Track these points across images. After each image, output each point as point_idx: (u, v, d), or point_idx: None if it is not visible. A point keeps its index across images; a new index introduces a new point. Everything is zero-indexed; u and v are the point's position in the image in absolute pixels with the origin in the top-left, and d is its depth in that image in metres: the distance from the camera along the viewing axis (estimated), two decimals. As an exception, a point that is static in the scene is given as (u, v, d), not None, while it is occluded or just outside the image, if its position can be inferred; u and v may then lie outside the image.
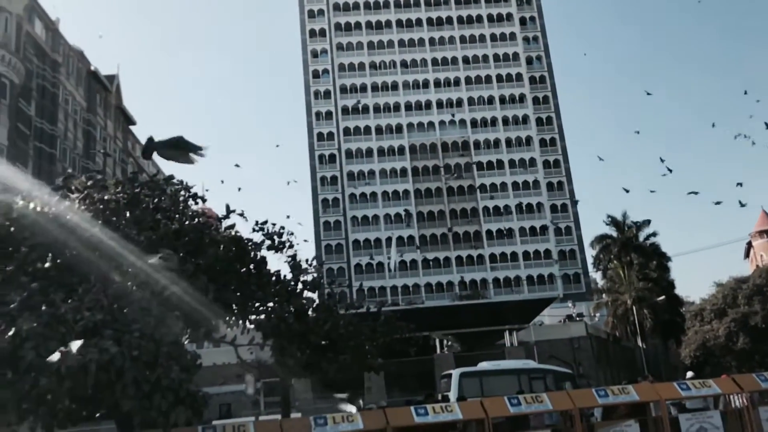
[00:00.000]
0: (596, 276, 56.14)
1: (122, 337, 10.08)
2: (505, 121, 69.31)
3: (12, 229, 11.49)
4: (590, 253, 52.21)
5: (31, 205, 11.71)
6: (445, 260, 64.00)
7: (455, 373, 21.98)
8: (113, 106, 46.55)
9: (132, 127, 50.77)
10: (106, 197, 13.27)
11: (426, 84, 69.88)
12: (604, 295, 46.28)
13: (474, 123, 69.01)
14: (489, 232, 64.99)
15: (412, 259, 63.31)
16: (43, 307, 10.00)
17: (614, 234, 46.37)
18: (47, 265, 11.05)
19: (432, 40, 71.31)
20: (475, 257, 64.13)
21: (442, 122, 68.79)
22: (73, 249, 11.71)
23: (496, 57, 71.15)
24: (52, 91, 37.35)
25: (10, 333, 9.12)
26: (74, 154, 39.74)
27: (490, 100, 69.97)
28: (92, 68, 43.20)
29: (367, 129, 67.85)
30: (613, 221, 46.70)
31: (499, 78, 70.59)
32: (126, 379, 9.73)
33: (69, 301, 10.37)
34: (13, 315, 9.78)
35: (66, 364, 9.33)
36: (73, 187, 13.98)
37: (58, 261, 11.13)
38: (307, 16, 70.98)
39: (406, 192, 65.94)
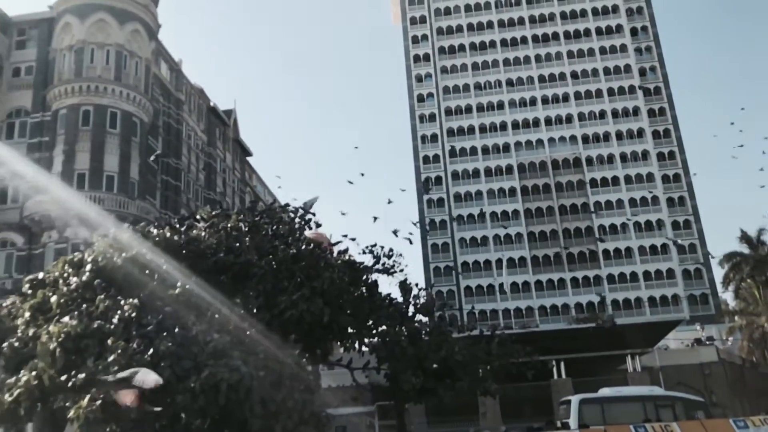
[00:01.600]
0: (727, 296, 52.18)
1: (248, 358, 10.54)
2: (619, 135, 66.63)
3: (148, 256, 12.41)
4: (719, 272, 48.65)
5: (168, 234, 12.63)
6: (560, 282, 61.95)
7: (575, 399, 21.06)
8: (231, 139, 49.26)
9: (248, 158, 53.42)
10: (229, 225, 14.01)
11: (533, 101, 68.67)
12: (736, 318, 42.85)
13: (585, 139, 66.87)
14: (606, 251, 62.32)
15: (525, 281, 61.80)
16: (176, 329, 10.67)
17: (746, 251, 42.98)
18: (177, 291, 11.80)
19: (538, 57, 70.15)
20: (591, 278, 61.61)
21: (551, 139, 67.20)
22: (201, 274, 12.46)
23: (606, 70, 68.83)
24: (176, 127, 40.13)
25: (149, 353, 9.79)
26: (197, 186, 42.32)
27: (602, 115, 67.62)
28: (211, 104, 46.01)
29: (474, 150, 67.48)
30: (744, 237, 43.33)
31: (611, 91, 68.14)
32: (254, 399, 10.13)
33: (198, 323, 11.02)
34: (151, 336, 10.50)
35: (200, 383, 9.88)
36: (199, 216, 14.92)
37: (187, 286, 11.87)
38: (411, 42, 72.05)
39: (515, 212, 64.73)
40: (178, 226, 14.40)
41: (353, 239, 16.99)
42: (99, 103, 33.05)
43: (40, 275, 13.45)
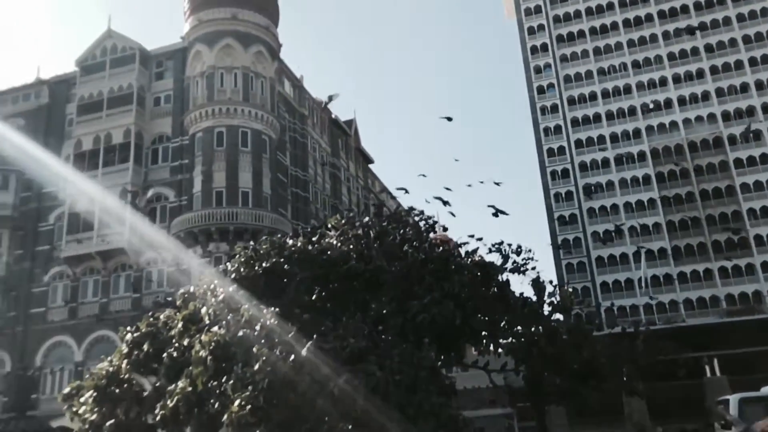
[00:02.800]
0: None
1: (384, 363, 10.66)
2: (765, 109, 60.91)
3: (286, 266, 12.93)
4: None
5: (299, 244, 13.12)
6: (706, 273, 57.57)
7: (734, 398, 19.40)
8: (353, 149, 50.53)
9: (370, 165, 54.54)
10: (358, 232, 14.29)
11: (663, 82, 64.50)
12: None
13: (726, 116, 61.79)
14: (758, 237, 57.12)
15: (666, 274, 58.03)
16: (314, 336, 11.01)
17: None
18: (314, 298, 12.18)
19: (666, 34, 65.81)
20: (743, 268, 56.70)
21: (687, 120, 62.74)
22: (335, 282, 12.80)
23: (746, 39, 63.23)
24: (302, 141, 41.77)
25: (290, 359, 10.17)
26: (324, 195, 43.78)
27: (744, 88, 62.14)
28: (333, 116, 47.43)
29: (601, 138, 64.48)
30: None
31: (753, 62, 62.49)
32: (391, 403, 10.22)
33: (335, 329, 11.31)
34: (292, 343, 10.89)
35: (338, 388, 10.12)
36: (330, 225, 15.36)
37: (323, 293, 12.24)
38: (527, 34, 70.26)
39: (651, 201, 61.03)
40: (310, 235, 14.90)
41: (480, 239, 16.72)
42: (230, 124, 35.11)
43: (191, 288, 14.43)
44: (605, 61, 66.73)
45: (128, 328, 14.43)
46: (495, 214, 16.70)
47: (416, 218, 16.75)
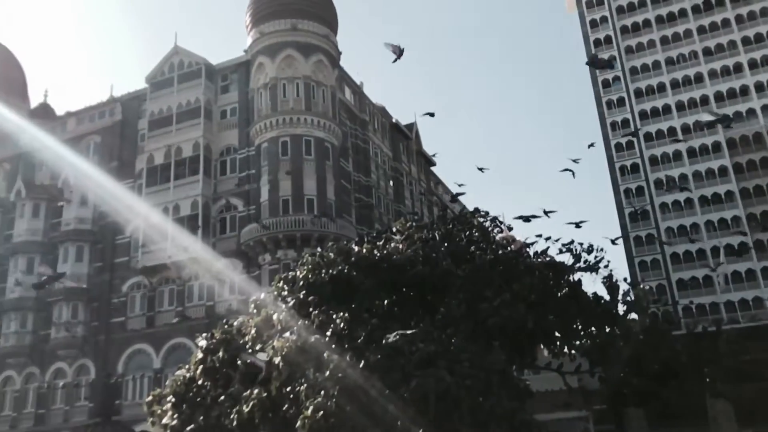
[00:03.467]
0: None
1: (454, 367, 10.55)
2: None
3: (353, 272, 13.02)
4: None
5: (365, 250, 13.18)
6: (792, 267, 54.47)
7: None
8: (414, 152, 50.47)
9: (432, 168, 54.33)
10: (423, 236, 14.23)
11: (738, 68, 61.50)
12: None
13: (809, 100, 58.40)
14: None
15: (748, 269, 55.20)
16: (383, 341, 11.02)
17: None
18: (384, 303, 12.19)
19: (739, 18, 62.77)
20: (837, 261, 53.34)
21: (765, 107, 59.61)
22: (402, 286, 12.79)
23: (827, 20, 59.70)
24: (363, 147, 42.05)
25: (360, 365, 10.21)
26: (387, 200, 43.89)
27: (829, 71, 58.58)
28: (393, 121, 47.54)
29: (672, 130, 62.04)
30: None
31: (838, 41, 58.86)
32: (462, 408, 10.10)
33: (404, 334, 11.27)
34: (361, 348, 10.94)
35: (408, 393, 10.09)
36: (395, 230, 15.37)
37: (391, 298, 12.24)
38: (590, 27, 68.51)
39: (729, 194, 58.24)
40: (376, 240, 14.94)
41: (548, 238, 16.35)
42: (294, 133, 35.72)
43: (262, 295, 14.73)
44: (674, 50, 64.28)
45: (203, 335, 14.85)
46: (527, 219, 16.29)
47: (481, 219, 16.54)
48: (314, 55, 37.37)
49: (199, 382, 13.63)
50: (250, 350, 12.75)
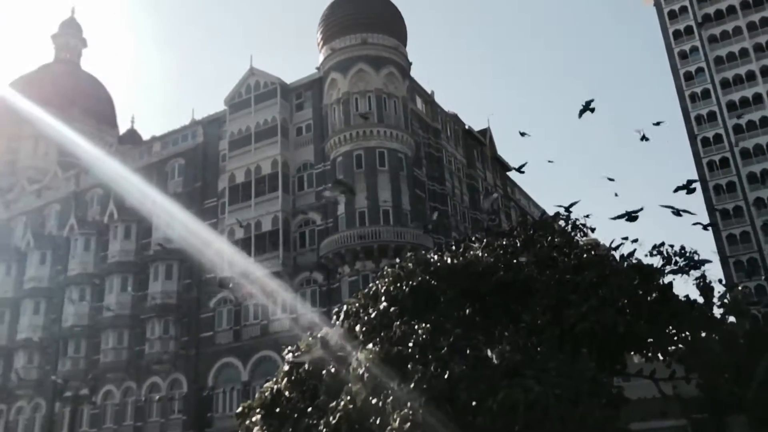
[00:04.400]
0: None
1: (542, 376, 10.28)
2: None
3: (433, 282, 12.94)
4: None
5: (444, 259, 13.09)
6: None
7: None
8: (489, 158, 49.86)
9: (508, 173, 53.46)
10: (504, 243, 13.99)
11: (834, 51, 57.62)
12: None
13: None
14: None
15: None
16: (468, 351, 10.87)
17: None
18: (467, 312, 12.04)
19: (833, -2, 58.86)
20: None
21: None
22: (487, 295, 12.60)
23: None
24: (437, 155, 41.93)
25: (446, 376, 10.10)
26: (463, 208, 43.50)
27: None
28: (466, 127, 47.18)
29: (764, 121, 58.63)
30: None
31: None
32: (552, 418, 9.81)
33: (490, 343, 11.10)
34: (445, 359, 10.83)
35: (496, 404, 9.89)
36: (474, 237, 15.20)
37: (474, 307, 12.07)
38: (668, 18, 65.90)
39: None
40: (455, 249, 14.81)
41: (635, 240, 15.70)
42: (367, 146, 36.10)
43: (345, 307, 14.88)
44: (763, 35, 60.86)
45: (288, 348, 15.12)
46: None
47: (563, 223, 16.09)
48: (385, 68, 37.69)
49: (287, 394, 13.88)
50: (334, 362, 12.88)
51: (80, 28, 68.81)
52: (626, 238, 15.64)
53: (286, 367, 14.52)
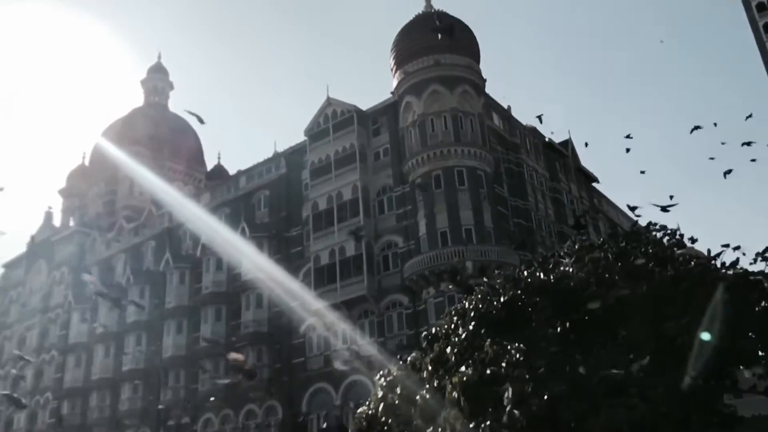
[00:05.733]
0: None
1: (647, 393, 9.83)
2: None
3: (524, 298, 12.69)
4: None
5: (535, 275, 12.82)
6: None
7: None
8: (572, 169, 48.68)
9: (594, 184, 51.99)
10: (595, 256, 13.55)
11: None
12: None
13: None
14: None
15: None
16: (567, 369, 10.55)
17: None
18: (558, 330, 11.71)
19: None
20: None
21: None
22: (578, 311, 12.20)
23: None
24: (517, 170, 41.36)
25: (545, 396, 9.83)
26: (548, 222, 42.58)
27: None
28: (546, 140, 46.34)
29: None
30: None
31: None
32: (662, 438, 9.35)
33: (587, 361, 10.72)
34: (542, 379, 10.56)
35: (599, 424, 9.53)
36: (563, 252, 14.82)
37: (568, 324, 11.72)
38: (756, 11, 62.59)
39: None
40: (543, 265, 14.47)
41: (737, 248, 14.80)
42: (445, 166, 36.13)
43: (433, 330, 14.82)
44: None
45: (381, 373, 15.17)
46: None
47: (657, 234, 15.42)
48: (459, 87, 37.74)
49: (382, 419, 13.90)
50: (427, 386, 12.81)
51: (167, 72, 72.82)
52: (727, 245, 14.81)
53: (380, 392, 14.56)
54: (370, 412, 14.68)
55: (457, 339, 13.22)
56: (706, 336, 10.59)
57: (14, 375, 49.65)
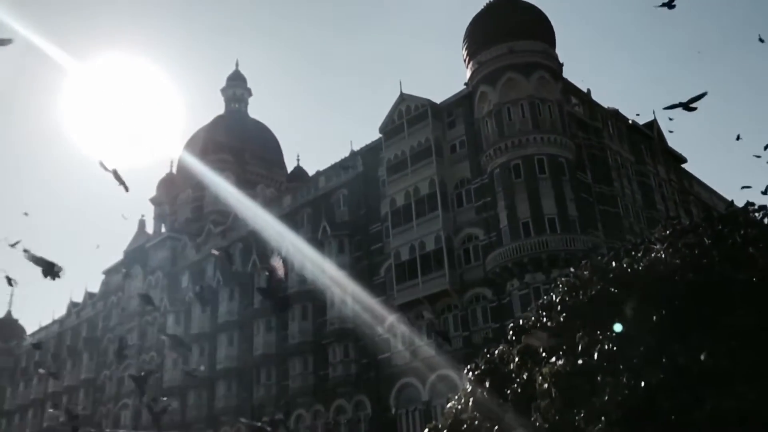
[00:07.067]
0: None
1: (755, 384, 9.26)
2: None
3: (613, 289, 12.24)
4: None
5: (623, 264, 12.34)
6: None
7: None
8: (659, 151, 46.59)
9: (684, 165, 49.58)
10: (689, 241, 12.91)
11: None
12: None
13: None
14: None
15: None
16: (663, 360, 10.09)
17: None
18: (654, 320, 11.21)
19: None
20: None
21: None
22: (672, 299, 11.66)
23: None
24: (601, 155, 39.92)
25: (642, 385, 9.44)
26: (636, 208, 40.91)
27: None
28: (630, 122, 44.55)
29: None
30: None
31: None
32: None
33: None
34: (637, 369, 10.15)
35: (702, 416, 9.06)
36: (653, 239, 14.20)
37: (662, 313, 11.21)
38: None
39: None
40: (633, 253, 13.92)
41: None
42: (524, 155, 35.38)
43: (520, 322, 14.55)
44: None
45: (469, 366, 15.04)
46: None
47: (756, 214, 14.49)
48: (535, 73, 36.88)
49: (472, 413, 13.77)
50: (517, 378, 12.59)
51: (245, 79, 75.08)
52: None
53: (468, 387, 14.44)
54: (459, 407, 14.58)
55: (544, 331, 12.91)
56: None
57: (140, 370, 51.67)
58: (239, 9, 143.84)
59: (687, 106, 14.19)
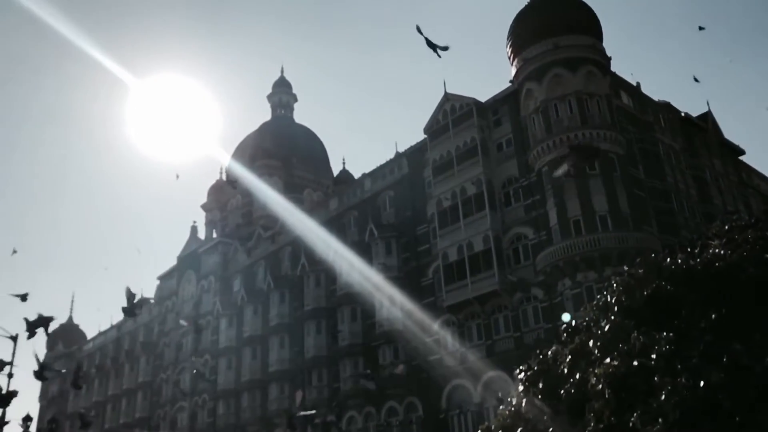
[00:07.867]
0: None
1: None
2: None
3: (669, 287, 11.87)
4: None
5: (679, 261, 11.96)
6: None
7: None
8: (714, 143, 45.09)
9: (742, 157, 47.85)
10: (749, 236, 12.43)
11: None
12: None
13: None
14: None
15: None
16: (724, 359, 9.74)
17: None
18: (713, 317, 10.83)
19: None
20: None
21: None
22: (733, 297, 11.24)
23: None
24: (653, 150, 38.86)
25: (701, 384, 9.12)
26: (691, 203, 39.68)
27: None
28: (683, 114, 43.25)
29: None
30: None
31: None
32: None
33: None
34: (697, 368, 9.82)
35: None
36: (710, 234, 13.73)
37: (724, 310, 10.81)
38: None
39: None
40: (689, 249, 13.48)
41: None
42: (573, 151, 34.63)
43: (573, 322, 14.26)
44: None
45: (521, 368, 14.84)
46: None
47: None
48: (582, 68, 36.17)
49: (525, 415, 13.57)
50: (570, 379, 12.33)
51: (290, 85, 76.02)
52: None
53: (521, 388, 14.23)
54: (512, 408, 14.39)
55: (599, 331, 12.62)
56: None
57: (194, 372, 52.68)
58: (284, 14, 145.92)
59: (435, 49, 14.76)
